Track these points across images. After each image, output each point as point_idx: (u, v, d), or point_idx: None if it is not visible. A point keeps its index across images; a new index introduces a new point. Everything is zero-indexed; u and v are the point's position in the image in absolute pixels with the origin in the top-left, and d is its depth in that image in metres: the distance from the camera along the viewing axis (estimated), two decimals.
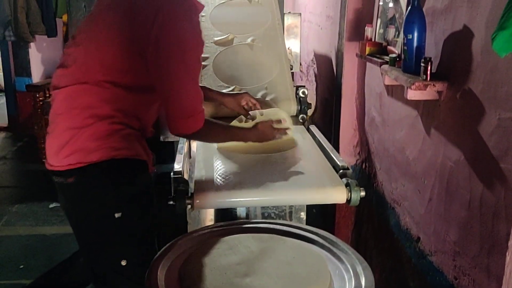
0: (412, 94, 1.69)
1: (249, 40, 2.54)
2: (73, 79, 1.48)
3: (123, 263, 1.53)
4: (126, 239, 1.55)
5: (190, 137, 1.69)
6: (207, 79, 2.41)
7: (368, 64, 2.47)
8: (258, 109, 2.10)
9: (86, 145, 1.47)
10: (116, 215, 1.50)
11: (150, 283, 1.20)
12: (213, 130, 1.70)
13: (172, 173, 1.65)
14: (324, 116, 3.33)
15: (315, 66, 3.68)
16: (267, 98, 2.36)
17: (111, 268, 1.57)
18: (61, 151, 1.48)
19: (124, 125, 1.51)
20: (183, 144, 2.02)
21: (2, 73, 5.77)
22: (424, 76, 1.64)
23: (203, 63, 2.39)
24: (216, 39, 2.52)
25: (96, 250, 1.59)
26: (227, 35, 2.54)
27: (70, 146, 1.47)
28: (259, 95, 2.35)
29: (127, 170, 1.53)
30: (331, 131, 2.93)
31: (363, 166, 2.70)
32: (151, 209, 1.64)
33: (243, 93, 2.17)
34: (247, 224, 1.53)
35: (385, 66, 1.98)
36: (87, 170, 1.47)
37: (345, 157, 2.79)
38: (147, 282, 1.21)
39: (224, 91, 2.32)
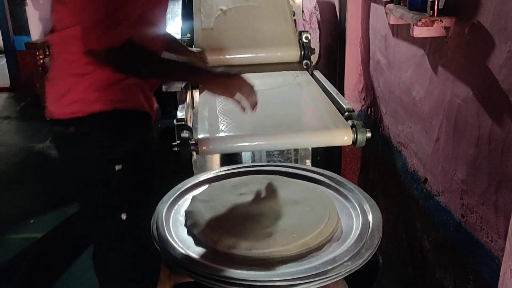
0: (419, 31, 1.64)
1: None
2: (67, 21, 1.38)
3: (123, 216, 1.49)
4: (126, 193, 1.50)
5: (113, 61, 1.36)
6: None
7: (372, 5, 2.40)
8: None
9: (87, 96, 1.40)
10: (117, 167, 1.45)
11: (157, 224, 1.20)
12: (151, 56, 1.41)
13: (175, 121, 1.63)
14: (328, 63, 3.27)
15: (317, 13, 3.58)
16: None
17: (111, 222, 1.51)
18: (63, 99, 1.42)
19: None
20: (185, 94, 2.01)
21: (0, 33, 5.66)
22: (431, 11, 1.59)
23: None
24: None
25: (95, 202, 1.53)
26: None
27: (71, 95, 1.41)
28: None
29: (129, 122, 1.47)
30: (336, 78, 2.88)
31: (369, 111, 2.67)
32: (152, 163, 1.59)
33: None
34: (253, 167, 1.52)
35: (390, 5, 1.93)
36: (88, 120, 1.41)
37: (351, 103, 2.75)
38: (153, 222, 1.21)
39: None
